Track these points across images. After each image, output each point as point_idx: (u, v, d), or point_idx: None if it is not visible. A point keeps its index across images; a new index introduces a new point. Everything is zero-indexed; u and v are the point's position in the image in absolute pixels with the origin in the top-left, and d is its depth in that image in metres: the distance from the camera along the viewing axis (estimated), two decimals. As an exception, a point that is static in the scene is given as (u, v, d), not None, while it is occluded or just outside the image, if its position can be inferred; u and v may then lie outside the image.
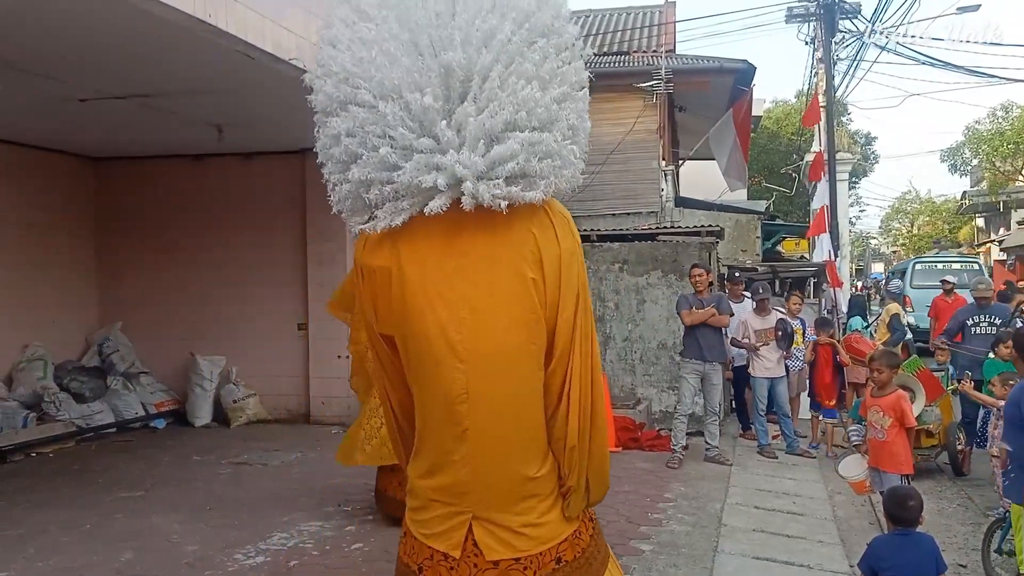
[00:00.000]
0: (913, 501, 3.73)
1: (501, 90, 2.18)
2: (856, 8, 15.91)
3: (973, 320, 7.68)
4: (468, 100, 2.19)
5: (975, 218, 37.34)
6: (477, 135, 2.17)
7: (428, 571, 2.36)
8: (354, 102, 2.20)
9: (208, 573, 4.63)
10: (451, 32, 2.17)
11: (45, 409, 8.23)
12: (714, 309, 7.46)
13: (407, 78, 2.17)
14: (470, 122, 2.17)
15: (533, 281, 2.27)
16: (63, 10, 4.62)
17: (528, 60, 2.21)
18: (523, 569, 2.33)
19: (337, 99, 2.23)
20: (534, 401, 2.34)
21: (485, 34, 2.17)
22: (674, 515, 5.81)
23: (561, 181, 2.30)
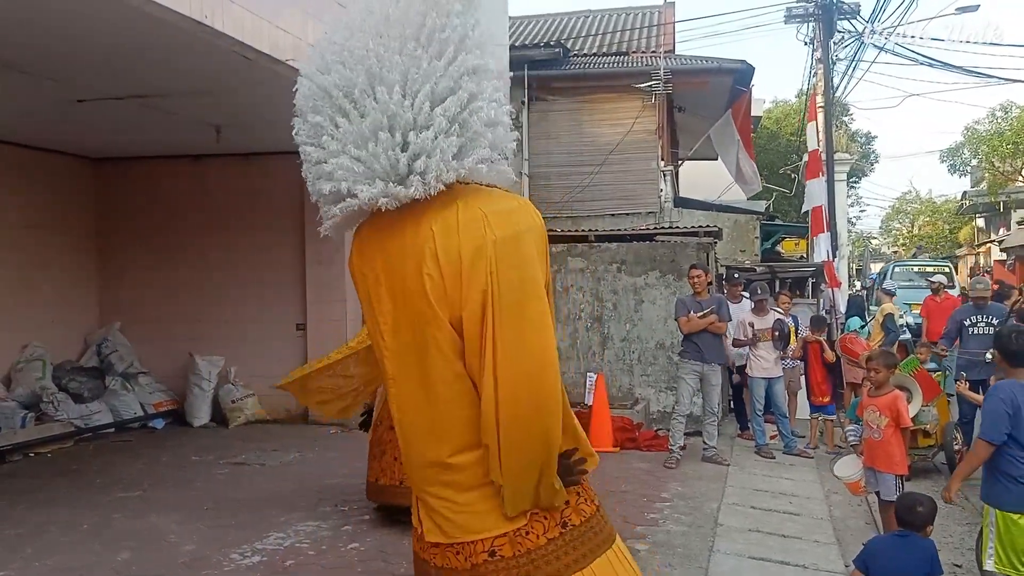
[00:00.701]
0: (922, 508, 3.77)
1: (370, 98, 2.38)
2: (855, 9, 15.93)
3: (970, 320, 7.68)
4: (350, 113, 2.37)
5: (975, 218, 37.33)
6: (357, 140, 2.37)
7: (415, 541, 2.56)
8: (298, 121, 2.46)
9: (205, 573, 4.64)
10: (341, 52, 2.39)
11: (44, 409, 8.24)
12: (713, 317, 7.47)
13: (308, 101, 2.43)
14: (350, 131, 2.36)
15: (429, 276, 2.36)
16: (60, 11, 4.63)
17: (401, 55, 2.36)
18: (456, 554, 2.43)
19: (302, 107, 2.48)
20: (446, 390, 2.41)
21: (356, 50, 2.37)
22: (671, 515, 5.83)
23: (446, 172, 2.34)
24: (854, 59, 16.59)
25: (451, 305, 2.36)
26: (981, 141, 28.98)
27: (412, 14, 2.36)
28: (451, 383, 2.41)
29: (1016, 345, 3.91)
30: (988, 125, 29.43)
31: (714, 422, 7.73)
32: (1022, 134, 26.29)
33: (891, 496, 5.07)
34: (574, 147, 13.53)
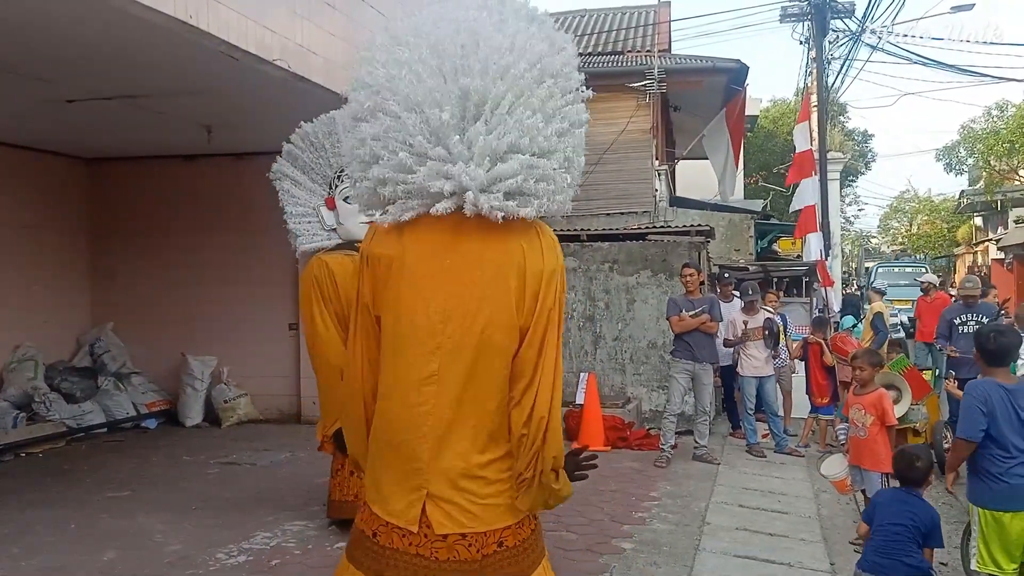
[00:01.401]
0: (921, 462, 3.84)
1: (509, 116, 2.55)
2: (850, 8, 15.94)
3: (960, 319, 7.69)
4: (480, 122, 2.55)
5: (973, 217, 37.34)
6: (484, 152, 2.53)
7: (382, 536, 2.61)
8: (382, 110, 2.60)
9: (190, 572, 4.65)
10: (472, 62, 2.56)
11: (36, 409, 8.25)
12: (705, 316, 7.48)
13: (430, 96, 2.56)
14: (480, 140, 2.53)
15: (514, 288, 2.59)
16: (45, 11, 4.63)
17: (536, 95, 2.58)
18: (468, 546, 2.57)
19: (368, 107, 2.64)
20: (495, 393, 2.61)
21: (501, 68, 2.55)
22: (658, 514, 5.84)
23: (553, 204, 2.65)
24: (847, 58, 16.58)
25: (524, 317, 2.60)
26: (977, 140, 28.96)
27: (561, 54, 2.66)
28: (500, 386, 2.63)
29: (994, 344, 3.91)
30: (984, 124, 29.43)
31: (705, 421, 7.74)
32: (1018, 133, 26.26)
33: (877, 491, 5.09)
34: (569, 146, 13.52)
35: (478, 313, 2.61)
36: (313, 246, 5.38)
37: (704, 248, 9.49)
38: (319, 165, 5.36)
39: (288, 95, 6.53)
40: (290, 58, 5.78)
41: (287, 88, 6.26)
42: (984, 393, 3.84)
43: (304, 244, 5.40)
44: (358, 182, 2.73)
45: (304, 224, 5.41)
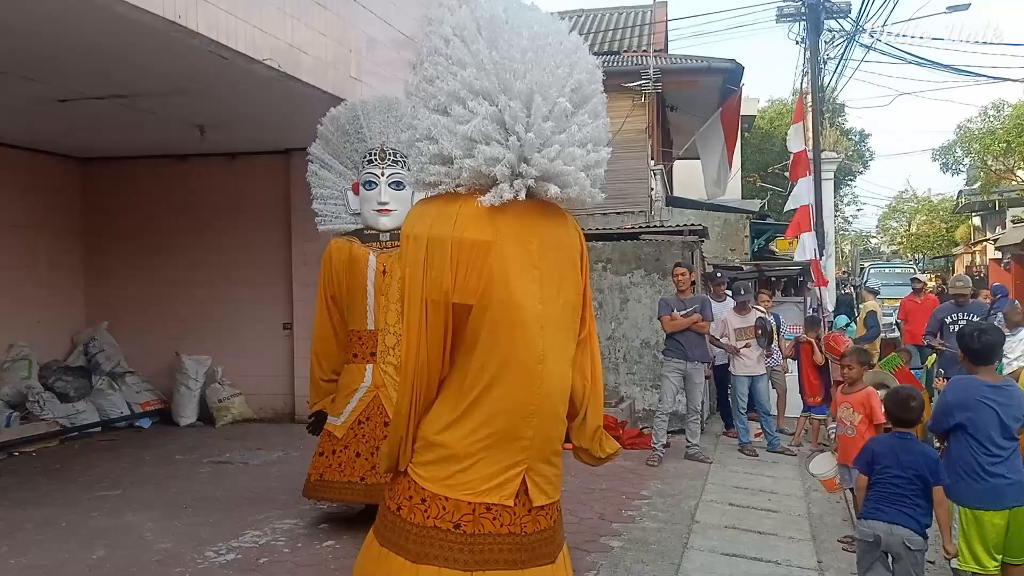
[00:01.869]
0: (915, 402, 3.89)
1: (580, 120, 2.81)
2: (846, 8, 15.95)
3: (951, 319, 7.70)
4: (549, 120, 2.75)
5: (971, 217, 37.35)
6: (569, 143, 2.76)
7: (468, 524, 2.72)
8: (485, 94, 2.76)
9: (178, 570, 4.66)
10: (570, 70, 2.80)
11: (29, 408, 8.25)
12: (697, 316, 7.49)
13: (532, 87, 2.75)
14: (572, 131, 2.77)
15: (578, 267, 2.90)
16: (31, 11, 4.64)
17: (583, 110, 2.85)
18: (547, 515, 2.80)
19: (476, 88, 2.77)
20: (572, 365, 2.89)
21: (563, 78, 2.81)
22: (648, 512, 5.85)
23: (587, 196, 2.89)
24: (841, 58, 16.60)
25: (583, 292, 2.92)
26: (973, 140, 28.99)
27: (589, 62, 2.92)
28: (574, 359, 2.90)
29: (978, 343, 3.93)
30: (980, 123, 29.45)
31: (697, 420, 7.75)
32: (1014, 132, 26.27)
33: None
34: (564, 146, 13.52)
35: (560, 293, 2.83)
36: (331, 227, 5.49)
37: (698, 248, 9.50)
38: (347, 150, 5.45)
39: (279, 95, 6.55)
40: (280, 57, 5.79)
41: (278, 88, 6.27)
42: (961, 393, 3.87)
43: (323, 224, 5.53)
44: (456, 159, 2.78)
45: (329, 206, 5.51)
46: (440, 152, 2.81)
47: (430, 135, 2.84)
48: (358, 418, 5.20)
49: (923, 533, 3.76)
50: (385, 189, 5.24)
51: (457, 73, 2.83)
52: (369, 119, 5.36)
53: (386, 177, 5.25)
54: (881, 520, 3.78)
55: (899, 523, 3.75)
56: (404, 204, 5.26)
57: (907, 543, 3.75)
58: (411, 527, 2.80)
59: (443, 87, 2.84)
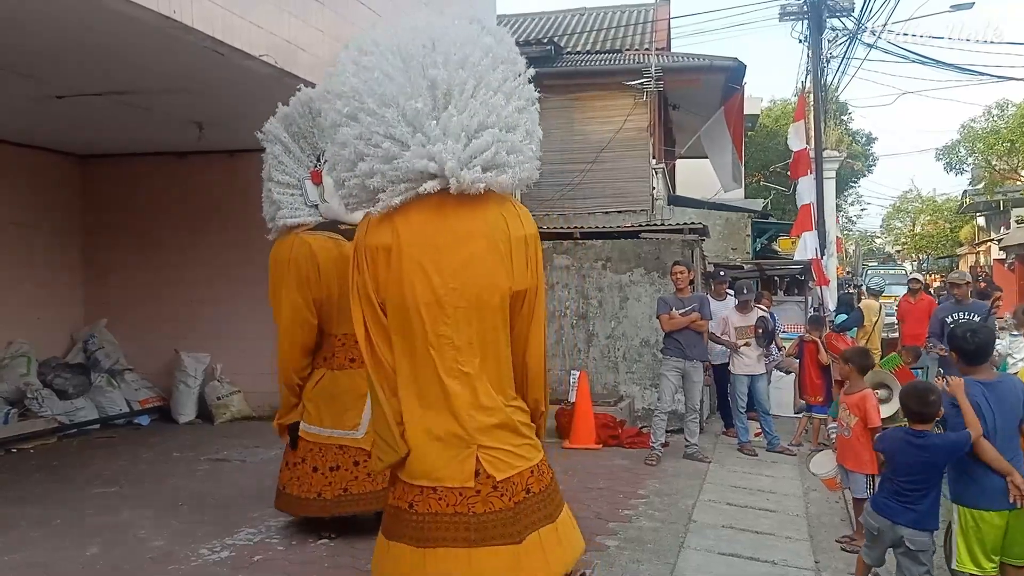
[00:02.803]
0: (934, 396, 3.81)
1: (474, 99, 2.97)
2: (849, 7, 15.89)
3: (952, 318, 7.65)
4: (450, 107, 2.94)
5: (975, 217, 37.24)
6: (458, 131, 2.93)
7: (419, 504, 3.06)
8: (362, 111, 2.97)
9: (172, 567, 4.64)
10: (434, 57, 2.98)
11: (28, 405, 8.26)
12: (696, 315, 7.46)
13: (402, 91, 2.95)
14: (453, 121, 2.92)
15: (503, 254, 3.07)
16: (25, 6, 4.62)
17: (493, 78, 3.04)
18: (500, 496, 3.03)
19: (345, 113, 3.00)
20: (502, 347, 3.15)
21: (460, 59, 2.97)
22: (645, 511, 5.82)
23: (522, 172, 3.10)
24: (844, 57, 16.54)
25: (511, 279, 3.09)
26: (977, 139, 28.90)
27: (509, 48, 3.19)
28: (506, 343, 3.16)
29: (972, 344, 3.90)
30: (984, 123, 29.35)
31: (695, 419, 7.72)
32: (1018, 132, 26.16)
33: (861, 494, 5.07)
34: (565, 145, 13.48)
35: (476, 281, 3.05)
36: (294, 221, 5.08)
37: (698, 246, 9.46)
38: (311, 135, 5.07)
39: (277, 91, 6.47)
40: (277, 54, 5.77)
41: (275, 84, 6.22)
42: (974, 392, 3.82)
43: (286, 218, 5.07)
44: (346, 182, 3.08)
45: (288, 196, 5.10)
46: (367, 171, 3.07)
47: (348, 159, 3.12)
48: None
49: (927, 531, 3.79)
50: None
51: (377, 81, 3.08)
52: None
53: None
54: (886, 516, 3.84)
55: (902, 522, 3.79)
56: None
57: (909, 542, 3.78)
58: (387, 505, 3.21)
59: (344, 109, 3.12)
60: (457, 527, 3.00)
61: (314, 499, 4.93)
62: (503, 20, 16.10)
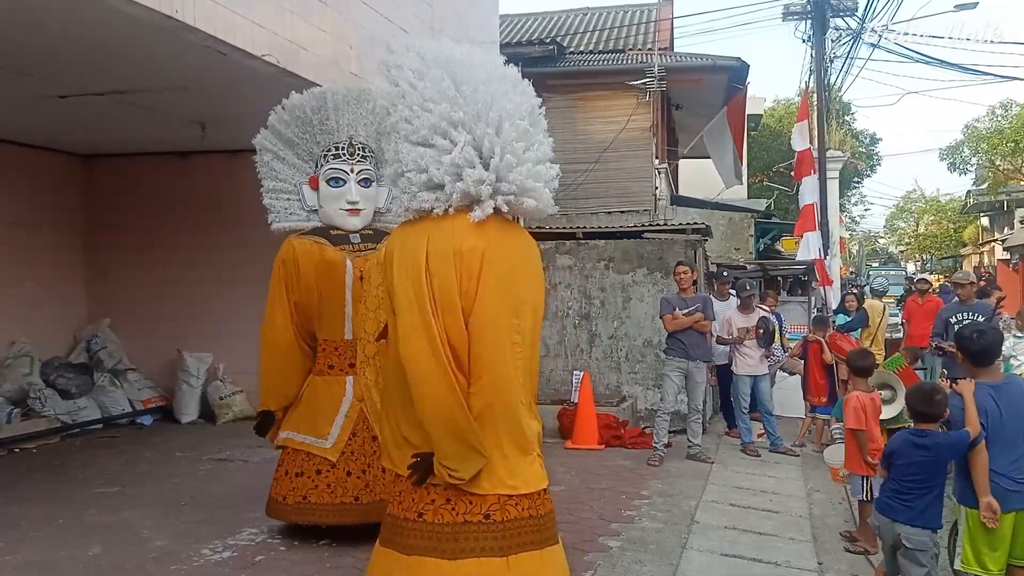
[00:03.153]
0: (940, 395, 3.82)
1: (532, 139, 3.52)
2: (851, 7, 15.86)
3: (956, 319, 7.62)
4: (518, 142, 3.39)
5: (979, 217, 37.17)
6: (526, 161, 3.41)
7: (496, 513, 3.42)
8: (477, 120, 3.34)
9: (173, 567, 4.64)
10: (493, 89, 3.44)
11: (31, 405, 8.28)
12: (699, 315, 7.44)
13: (501, 114, 3.38)
14: (515, 146, 3.38)
15: (543, 283, 3.73)
16: (28, 5, 4.61)
17: (541, 126, 3.60)
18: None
19: (456, 120, 3.31)
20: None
21: (520, 104, 3.49)
22: (647, 512, 5.80)
23: (549, 208, 3.66)
24: (847, 57, 16.51)
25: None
26: (981, 139, 28.85)
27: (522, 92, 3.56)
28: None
29: (978, 345, 3.87)
30: (988, 123, 29.29)
31: (698, 420, 7.70)
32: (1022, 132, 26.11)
33: (858, 495, 5.08)
34: (568, 145, 13.43)
35: (535, 299, 3.48)
36: (287, 225, 5.16)
37: (701, 246, 9.44)
38: (305, 141, 5.12)
39: (279, 91, 6.46)
40: (279, 54, 5.77)
41: (277, 84, 6.20)
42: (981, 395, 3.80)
43: (277, 222, 5.17)
44: (449, 190, 3.31)
45: (282, 200, 5.16)
46: (430, 180, 3.30)
47: (419, 166, 3.31)
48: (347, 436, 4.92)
49: (926, 529, 3.79)
50: (355, 187, 4.99)
51: (433, 109, 3.31)
52: (339, 112, 5.03)
53: (355, 174, 5.01)
54: (886, 515, 3.86)
55: (901, 520, 3.79)
56: (372, 203, 5.07)
57: (906, 541, 3.77)
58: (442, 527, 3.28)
59: (423, 122, 3.32)
60: (531, 530, 3.37)
61: (279, 502, 4.97)
62: (506, 20, 16.11)
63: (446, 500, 3.26)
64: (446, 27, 8.81)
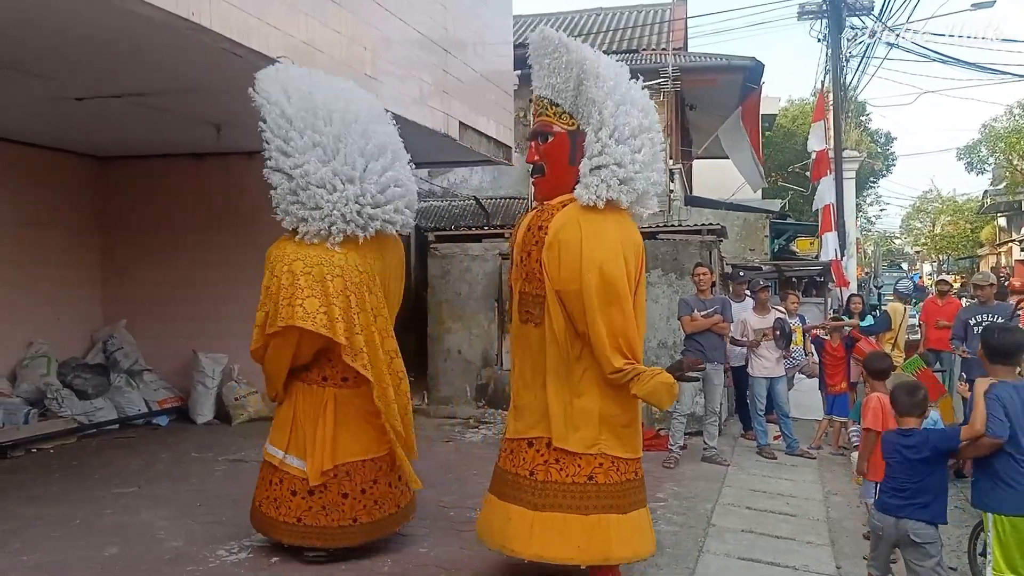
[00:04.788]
0: (922, 392, 4.06)
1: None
2: (868, 5, 15.75)
3: (975, 320, 7.55)
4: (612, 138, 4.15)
5: (996, 217, 36.83)
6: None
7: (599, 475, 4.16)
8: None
9: (189, 569, 4.65)
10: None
11: (48, 405, 8.30)
12: (718, 317, 7.40)
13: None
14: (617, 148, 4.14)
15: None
16: (46, 7, 4.63)
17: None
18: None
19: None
20: None
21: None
22: (663, 515, 5.77)
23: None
24: (864, 56, 16.39)
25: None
26: (999, 139, 28.59)
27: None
28: None
29: (999, 341, 3.83)
30: (1006, 122, 29.03)
31: (715, 422, 7.65)
32: (1040, 131, 25.89)
33: (868, 498, 5.02)
34: (582, 145, 13.43)
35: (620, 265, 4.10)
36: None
37: (716, 247, 9.39)
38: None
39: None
40: (294, 55, 5.76)
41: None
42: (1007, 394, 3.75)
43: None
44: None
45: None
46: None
47: (619, 162, 4.13)
48: None
49: (933, 524, 3.86)
50: None
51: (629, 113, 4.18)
52: None
53: None
54: (888, 513, 3.92)
55: (904, 516, 3.86)
56: None
57: (913, 535, 3.83)
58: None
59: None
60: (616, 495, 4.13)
61: (350, 526, 4.75)
62: (519, 20, 16.08)
63: (555, 460, 4.08)
64: (459, 28, 8.80)
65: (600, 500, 4.01)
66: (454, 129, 8.57)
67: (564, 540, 3.93)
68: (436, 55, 8.27)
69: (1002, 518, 3.78)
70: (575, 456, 4.04)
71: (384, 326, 4.81)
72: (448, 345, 9.83)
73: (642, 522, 4.16)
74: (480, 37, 9.50)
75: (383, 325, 4.80)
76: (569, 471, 4.04)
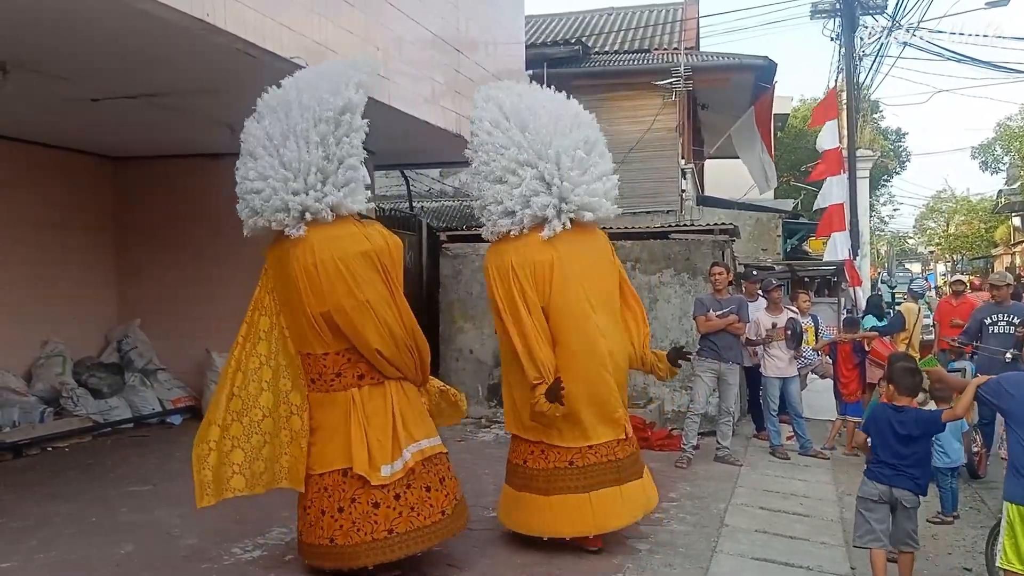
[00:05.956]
0: (919, 375, 4.48)
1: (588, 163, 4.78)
2: (882, 4, 15.66)
3: (991, 319, 7.50)
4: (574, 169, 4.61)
5: (1011, 217, 36.54)
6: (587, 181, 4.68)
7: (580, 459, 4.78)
8: (539, 158, 4.63)
9: (204, 566, 4.68)
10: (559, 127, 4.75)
11: (63, 404, 8.37)
12: (733, 317, 7.37)
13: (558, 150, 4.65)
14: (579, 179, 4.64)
15: (611, 260, 5.00)
16: (61, 10, 4.67)
17: (594, 155, 4.90)
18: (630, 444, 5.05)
19: (522, 160, 4.61)
20: (620, 328, 5.07)
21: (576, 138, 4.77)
22: (676, 515, 5.76)
23: (609, 214, 4.87)
24: (877, 55, 16.31)
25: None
26: (1014, 138, 28.38)
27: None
28: (620, 320, 5.20)
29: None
30: (1021, 121, 28.81)
31: (728, 422, 7.63)
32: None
33: None
34: (594, 145, 13.42)
35: (606, 287, 4.83)
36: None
37: (729, 247, 9.36)
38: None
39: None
40: (307, 55, 5.79)
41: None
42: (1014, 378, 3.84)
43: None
44: (522, 208, 4.59)
45: None
46: (505, 209, 4.60)
47: (496, 199, 4.63)
48: None
49: (920, 492, 4.36)
50: None
51: (504, 153, 4.59)
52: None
53: None
54: (882, 482, 4.34)
55: (897, 485, 4.30)
56: None
57: (905, 503, 4.33)
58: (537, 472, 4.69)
59: (497, 165, 4.60)
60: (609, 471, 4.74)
61: (440, 519, 4.46)
62: (531, 20, 16.09)
63: (541, 452, 4.68)
64: (471, 28, 8.81)
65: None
66: (466, 129, 8.57)
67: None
68: (448, 55, 8.28)
69: (1013, 507, 3.77)
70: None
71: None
72: (460, 345, 9.84)
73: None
74: (492, 37, 9.50)
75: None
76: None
